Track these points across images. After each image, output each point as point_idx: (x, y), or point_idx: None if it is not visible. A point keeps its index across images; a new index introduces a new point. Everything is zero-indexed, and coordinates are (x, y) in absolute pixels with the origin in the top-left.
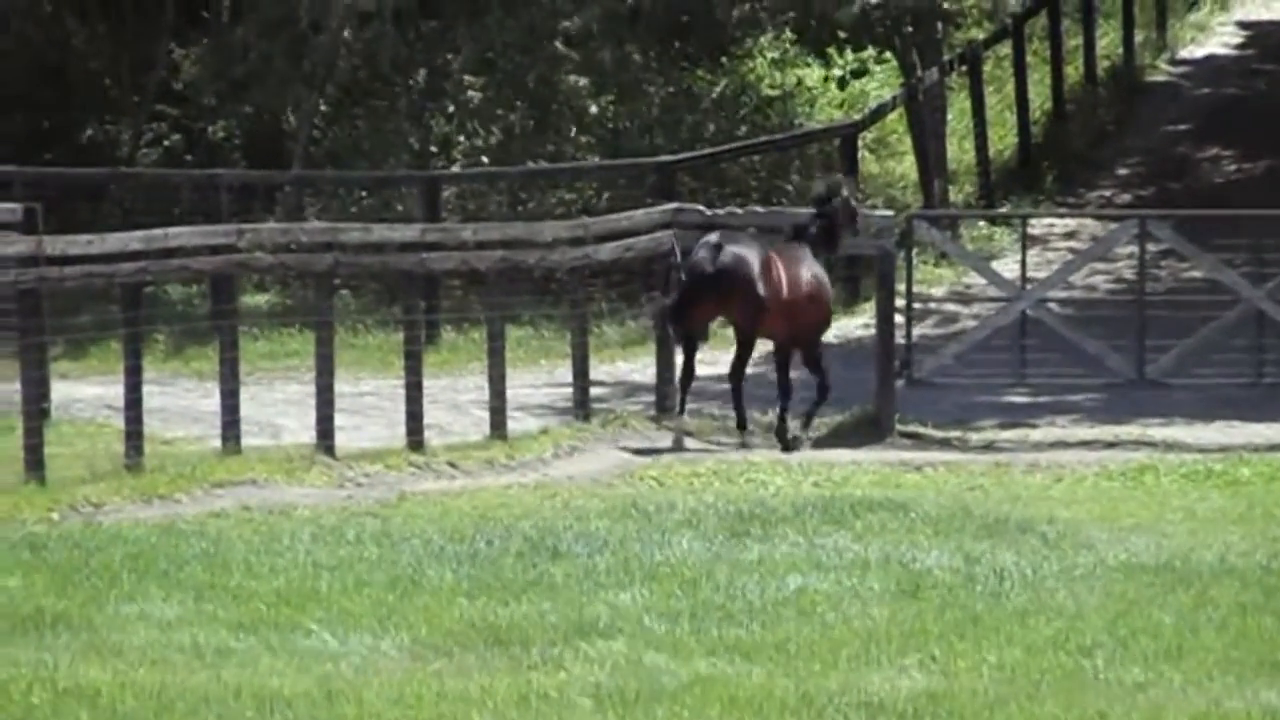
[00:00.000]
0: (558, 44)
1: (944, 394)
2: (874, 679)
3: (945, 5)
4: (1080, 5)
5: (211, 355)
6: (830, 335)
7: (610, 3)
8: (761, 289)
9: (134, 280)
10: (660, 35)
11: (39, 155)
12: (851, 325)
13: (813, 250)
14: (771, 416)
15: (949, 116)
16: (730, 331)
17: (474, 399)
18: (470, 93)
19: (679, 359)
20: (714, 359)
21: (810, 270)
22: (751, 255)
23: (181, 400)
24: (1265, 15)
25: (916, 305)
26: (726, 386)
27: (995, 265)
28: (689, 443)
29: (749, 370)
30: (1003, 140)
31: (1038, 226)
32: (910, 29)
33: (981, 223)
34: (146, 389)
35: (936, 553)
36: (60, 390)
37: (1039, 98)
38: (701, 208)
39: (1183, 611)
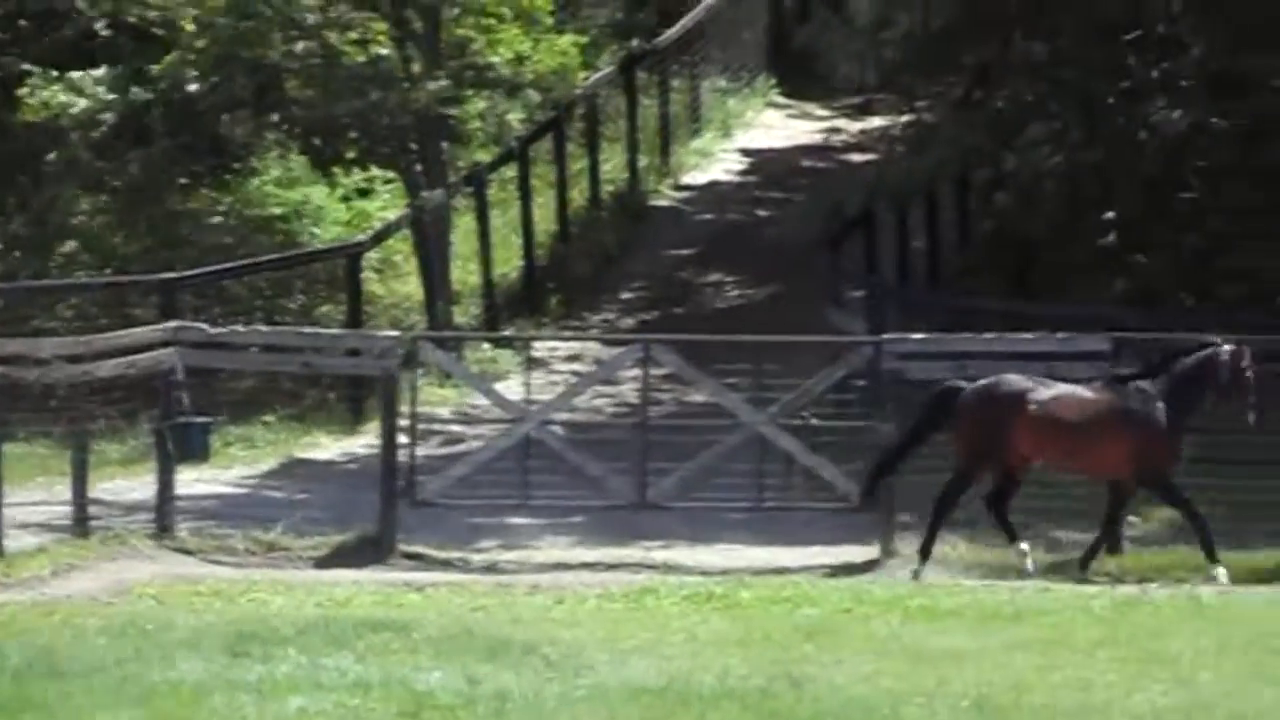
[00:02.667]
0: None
1: (447, 515)
2: None
3: (451, 124)
4: (585, 130)
5: None
6: (334, 454)
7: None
8: None
9: None
10: (167, 152)
11: None
12: (355, 445)
13: None
14: (271, 533)
15: (454, 238)
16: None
17: None
18: None
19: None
20: (212, 476)
21: None
22: None
23: None
24: (766, 143)
25: (421, 426)
26: (224, 504)
27: (499, 387)
28: (191, 561)
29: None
30: (508, 262)
31: (542, 349)
32: (415, 148)
33: (486, 344)
34: None
35: (439, 674)
36: None
37: (544, 221)
38: (204, 326)
39: None
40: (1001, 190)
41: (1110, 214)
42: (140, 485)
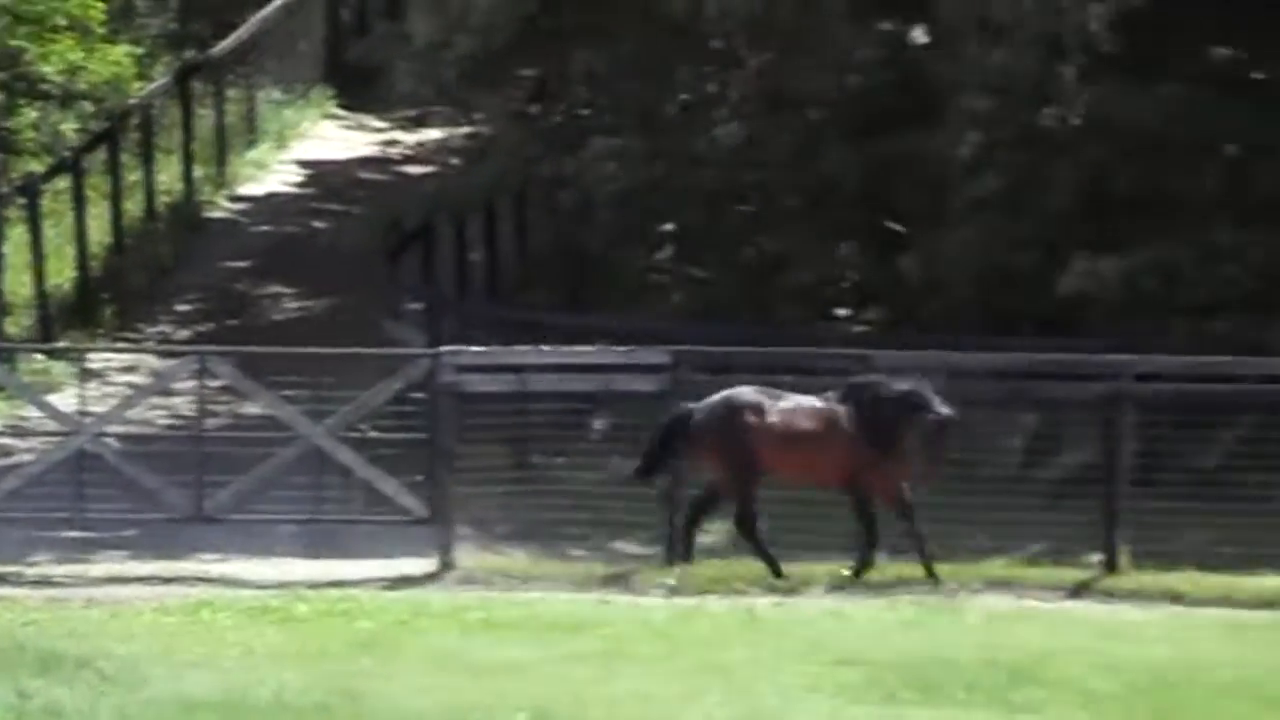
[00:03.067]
0: None
1: None
2: None
3: (3, 135)
4: (140, 140)
5: None
6: None
7: None
8: None
9: None
10: None
11: None
12: None
13: None
14: None
15: (6, 249)
16: None
17: None
18: None
19: None
20: None
21: None
22: None
23: None
24: (323, 154)
25: None
26: None
27: (53, 399)
28: None
29: None
30: (61, 273)
31: (97, 361)
32: None
33: (39, 355)
34: None
35: None
36: None
37: (99, 232)
38: None
39: None
40: (558, 204)
41: (669, 226)
42: None
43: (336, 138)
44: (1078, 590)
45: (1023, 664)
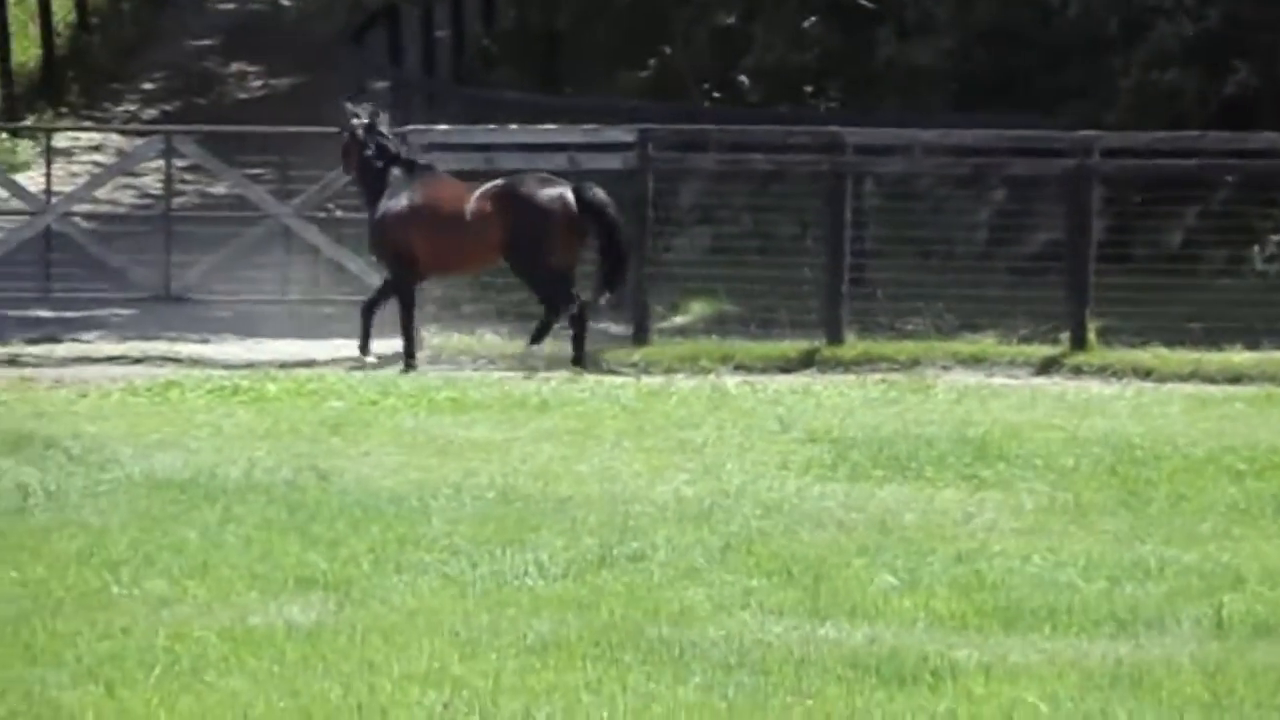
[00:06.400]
0: None
1: None
2: None
3: None
4: None
5: None
6: None
7: None
8: None
9: None
10: None
11: None
12: None
13: None
14: None
15: None
16: None
17: None
18: None
19: None
20: None
21: None
22: None
23: None
24: None
25: None
26: None
27: (19, 178)
28: None
29: None
30: (26, 52)
31: (63, 140)
32: None
33: (4, 134)
34: None
35: None
36: None
37: (63, 9)
38: None
39: (208, 527)
40: None
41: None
42: None
43: None
44: (1046, 367)
45: (991, 440)
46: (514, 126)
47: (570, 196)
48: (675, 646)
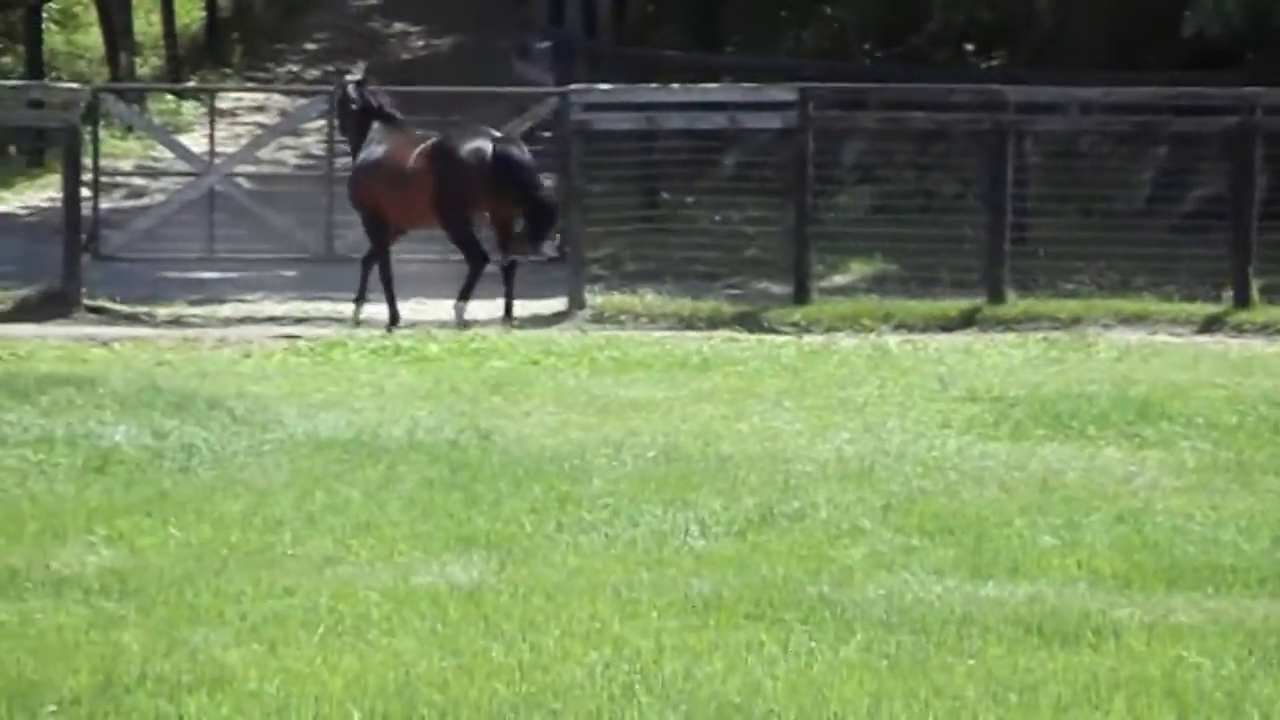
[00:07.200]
0: None
1: (132, 269)
2: (61, 555)
3: None
4: None
5: None
6: (14, 207)
7: None
8: None
9: None
10: None
11: None
12: (37, 198)
13: None
14: None
15: None
16: None
17: None
18: None
19: None
20: None
21: None
22: None
23: None
24: None
25: (104, 179)
26: None
27: (183, 139)
28: None
29: None
30: (190, 14)
31: (226, 100)
32: None
33: (169, 96)
34: None
35: (124, 428)
36: None
37: None
38: None
39: (371, 487)
40: None
41: None
42: None
43: None
44: (1209, 325)
45: (1153, 398)
46: (675, 86)
47: (488, 151)
48: (836, 606)
